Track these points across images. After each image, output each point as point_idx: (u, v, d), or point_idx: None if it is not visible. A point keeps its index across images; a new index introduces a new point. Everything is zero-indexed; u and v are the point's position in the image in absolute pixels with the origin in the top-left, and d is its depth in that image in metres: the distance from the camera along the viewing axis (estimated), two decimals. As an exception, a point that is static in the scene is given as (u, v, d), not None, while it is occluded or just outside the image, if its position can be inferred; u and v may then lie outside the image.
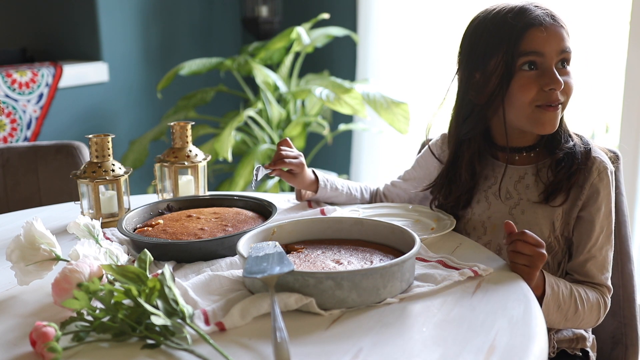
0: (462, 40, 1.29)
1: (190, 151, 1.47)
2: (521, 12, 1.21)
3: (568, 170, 1.23)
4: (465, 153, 1.31)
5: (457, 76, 1.30)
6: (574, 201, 1.24)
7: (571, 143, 1.25)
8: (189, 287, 0.97)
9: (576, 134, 1.29)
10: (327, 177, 1.43)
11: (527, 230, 1.08)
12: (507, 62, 1.21)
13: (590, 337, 1.31)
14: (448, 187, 1.34)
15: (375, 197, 1.50)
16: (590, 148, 1.26)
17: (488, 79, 1.23)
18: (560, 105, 1.22)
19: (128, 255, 1.14)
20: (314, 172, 1.42)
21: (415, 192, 1.44)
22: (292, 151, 1.38)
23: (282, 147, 1.38)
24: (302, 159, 1.38)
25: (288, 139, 1.41)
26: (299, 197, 1.46)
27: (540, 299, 1.12)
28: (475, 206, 1.32)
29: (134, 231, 1.22)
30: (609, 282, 1.23)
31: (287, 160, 1.35)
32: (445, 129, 1.38)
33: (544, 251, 1.07)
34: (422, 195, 1.44)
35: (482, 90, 1.25)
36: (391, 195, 1.49)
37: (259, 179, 1.33)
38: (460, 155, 1.32)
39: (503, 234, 1.27)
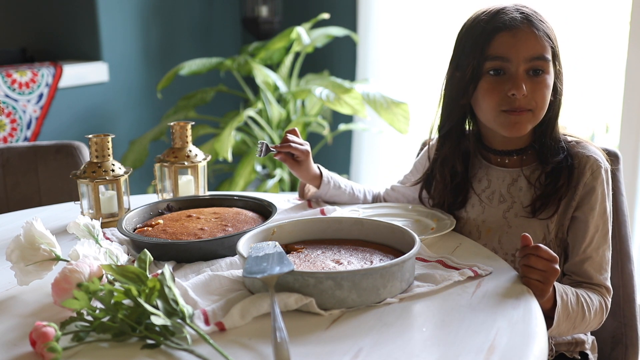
0: (455, 40, 1.30)
1: (190, 151, 1.47)
2: (496, 14, 1.21)
3: (555, 185, 1.22)
4: (444, 149, 1.32)
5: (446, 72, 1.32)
6: (568, 202, 1.23)
7: (561, 156, 1.23)
8: (189, 287, 0.97)
9: (572, 138, 1.27)
10: (331, 175, 1.43)
11: (541, 245, 1.04)
12: (474, 66, 1.21)
13: (589, 339, 1.31)
14: (436, 186, 1.35)
15: (375, 201, 1.50)
16: (582, 151, 1.24)
17: (462, 79, 1.24)
18: (529, 112, 1.20)
19: (128, 255, 1.14)
20: (319, 167, 1.42)
21: (408, 186, 1.44)
22: (299, 139, 1.38)
23: (289, 135, 1.38)
24: (308, 148, 1.38)
25: (296, 129, 1.41)
26: (302, 195, 1.45)
27: (550, 310, 1.10)
28: (470, 210, 1.32)
29: (133, 231, 1.22)
30: (609, 283, 1.22)
31: (293, 145, 1.35)
32: None
33: (557, 266, 1.04)
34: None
35: (457, 89, 1.26)
36: (391, 200, 1.49)
37: (262, 155, 1.35)
38: (441, 152, 1.34)
39: (497, 237, 1.28)
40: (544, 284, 1.04)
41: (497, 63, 1.19)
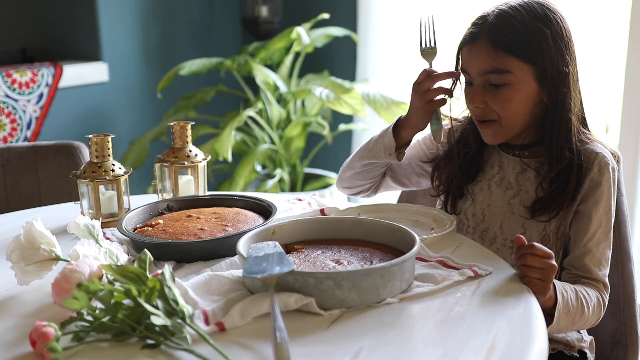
0: None
1: (190, 151, 1.47)
2: (470, 25, 1.26)
3: (560, 194, 1.23)
4: (464, 128, 1.37)
5: None
6: (572, 196, 1.24)
7: (564, 163, 1.23)
8: (189, 287, 0.97)
9: (585, 137, 1.28)
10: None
11: (535, 243, 1.06)
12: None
13: (588, 338, 1.31)
14: (447, 162, 1.37)
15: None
16: (591, 148, 1.26)
17: None
18: (494, 122, 1.24)
19: (128, 255, 1.14)
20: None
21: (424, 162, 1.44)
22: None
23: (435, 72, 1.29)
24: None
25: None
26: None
27: (551, 308, 1.11)
28: (478, 193, 1.34)
29: (133, 231, 1.22)
30: (607, 280, 1.23)
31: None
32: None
33: (554, 262, 1.05)
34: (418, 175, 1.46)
35: None
36: (392, 167, 1.45)
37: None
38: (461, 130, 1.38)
39: (500, 222, 1.30)
40: (545, 282, 1.05)
41: (466, 76, 1.27)
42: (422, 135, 1.47)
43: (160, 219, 1.26)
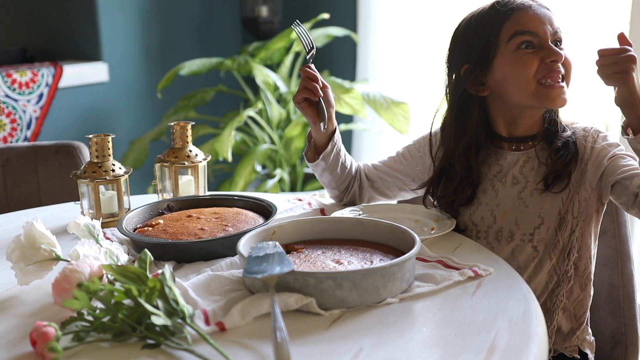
0: (452, 39, 1.32)
1: (190, 151, 1.47)
2: (504, 4, 1.26)
3: (565, 159, 1.25)
4: (459, 148, 1.30)
5: (447, 75, 1.32)
6: (582, 173, 1.26)
7: (569, 132, 1.29)
8: (189, 287, 0.98)
9: (571, 123, 1.32)
10: (340, 146, 1.39)
11: (603, 48, 1.14)
12: (492, 48, 1.24)
13: (590, 339, 1.31)
14: (445, 185, 1.33)
15: (356, 175, 1.45)
16: (576, 126, 1.31)
17: (476, 69, 1.26)
18: (564, 80, 1.25)
19: (128, 255, 1.14)
20: (335, 130, 1.39)
21: (411, 189, 1.43)
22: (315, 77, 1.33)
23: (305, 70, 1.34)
24: (329, 92, 1.36)
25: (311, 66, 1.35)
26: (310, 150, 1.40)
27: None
28: (481, 196, 1.31)
29: (134, 231, 1.22)
30: None
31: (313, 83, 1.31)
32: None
33: (631, 53, 1.11)
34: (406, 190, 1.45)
35: (478, 80, 1.28)
36: (373, 177, 1.44)
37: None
38: (454, 151, 1.31)
39: (514, 218, 1.28)
40: (622, 73, 1.13)
41: (526, 37, 1.23)
42: (403, 148, 1.46)
43: (161, 219, 1.26)
